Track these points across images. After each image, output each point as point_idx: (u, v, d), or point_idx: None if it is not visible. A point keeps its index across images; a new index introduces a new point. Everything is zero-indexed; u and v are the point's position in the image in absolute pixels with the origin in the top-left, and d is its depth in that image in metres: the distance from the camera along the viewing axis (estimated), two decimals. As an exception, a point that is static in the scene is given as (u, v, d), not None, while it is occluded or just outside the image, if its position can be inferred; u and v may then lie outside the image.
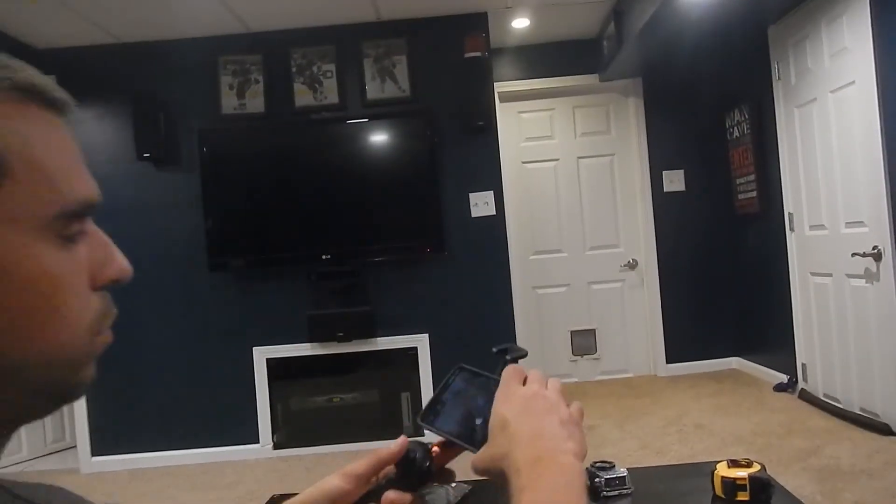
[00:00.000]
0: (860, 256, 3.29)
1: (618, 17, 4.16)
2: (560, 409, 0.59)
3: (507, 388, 0.62)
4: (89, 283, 0.45)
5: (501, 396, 0.61)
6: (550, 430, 0.57)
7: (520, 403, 0.59)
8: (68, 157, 0.46)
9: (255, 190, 3.92)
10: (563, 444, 0.56)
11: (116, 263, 0.48)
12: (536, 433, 0.56)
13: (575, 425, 0.59)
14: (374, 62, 3.94)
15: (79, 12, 3.49)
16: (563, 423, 0.58)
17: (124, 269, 0.48)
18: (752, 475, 1.36)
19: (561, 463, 0.54)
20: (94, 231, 0.48)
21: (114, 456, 3.94)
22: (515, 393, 0.61)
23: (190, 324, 3.97)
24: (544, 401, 0.59)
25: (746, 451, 3.19)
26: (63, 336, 0.43)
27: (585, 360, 5.05)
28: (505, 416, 0.59)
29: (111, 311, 0.48)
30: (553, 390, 0.62)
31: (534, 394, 0.60)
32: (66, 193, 0.44)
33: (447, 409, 0.67)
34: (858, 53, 3.22)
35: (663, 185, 4.96)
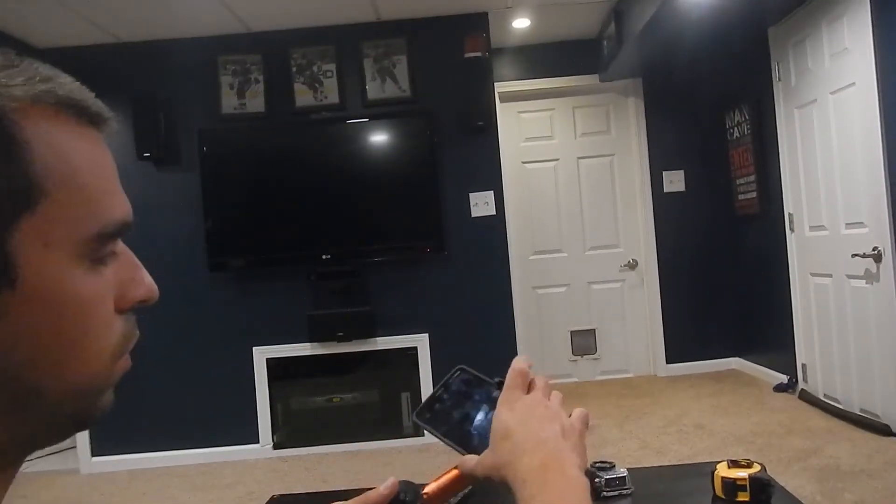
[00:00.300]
0: (860, 257, 3.29)
1: (618, 17, 4.16)
2: (563, 419, 0.59)
3: (511, 394, 0.61)
4: (115, 305, 0.44)
5: (505, 403, 0.60)
6: (554, 440, 0.56)
7: (523, 412, 0.59)
8: (106, 175, 0.44)
9: (255, 190, 3.92)
10: (568, 454, 0.56)
11: (144, 285, 0.47)
12: (540, 443, 0.56)
13: (577, 436, 0.59)
14: (375, 62, 3.94)
15: (79, 12, 3.49)
16: (566, 434, 0.58)
17: (152, 291, 0.47)
18: (753, 475, 1.36)
19: (567, 474, 0.54)
20: (124, 251, 0.46)
21: (114, 456, 3.94)
22: (519, 400, 0.60)
23: (190, 324, 3.97)
24: (547, 409, 0.59)
25: (746, 452, 3.19)
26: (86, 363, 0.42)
27: (585, 360, 5.05)
28: (508, 425, 0.58)
29: (134, 335, 0.47)
30: (556, 400, 0.62)
31: (537, 402, 0.60)
32: (103, 215, 0.42)
33: (444, 410, 0.67)
34: (859, 54, 3.22)
35: (663, 186, 4.96)
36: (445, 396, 0.68)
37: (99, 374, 0.43)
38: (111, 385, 0.45)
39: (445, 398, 0.68)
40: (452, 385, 0.69)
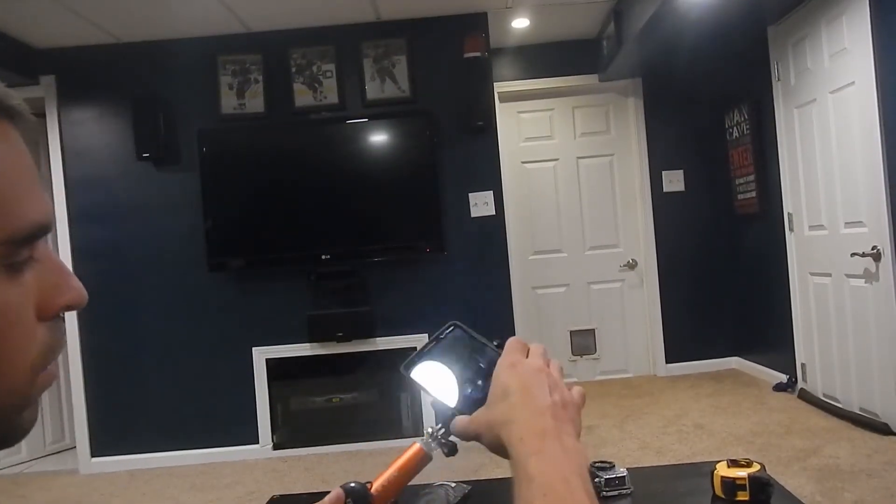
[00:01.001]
0: (859, 256, 3.29)
1: (617, 17, 4.17)
2: (563, 389, 0.59)
3: (511, 357, 0.61)
4: (37, 313, 0.41)
5: (506, 364, 0.60)
6: (554, 408, 0.56)
7: (524, 375, 0.59)
8: (20, 174, 0.40)
9: (255, 190, 3.92)
10: (566, 424, 0.56)
11: (72, 290, 0.43)
12: (540, 408, 0.56)
13: (575, 408, 0.59)
14: (374, 62, 3.94)
15: (78, 12, 3.48)
16: (565, 404, 0.57)
17: (79, 296, 0.43)
18: (752, 475, 1.36)
19: (565, 442, 0.54)
20: (47, 255, 0.42)
21: (113, 457, 3.94)
22: (520, 363, 0.60)
23: (189, 324, 3.97)
24: (548, 377, 0.59)
25: (746, 451, 3.19)
26: (2, 377, 0.39)
27: (585, 359, 5.05)
28: (508, 385, 0.58)
29: (60, 344, 0.43)
30: (555, 369, 0.61)
31: (539, 368, 0.60)
32: (15, 218, 0.38)
33: (433, 365, 0.65)
34: (858, 54, 3.22)
35: (663, 186, 4.96)
36: (438, 352, 0.66)
37: (17, 389, 0.40)
38: (33, 401, 0.42)
39: (437, 353, 0.66)
40: (445, 341, 0.67)
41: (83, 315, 3.95)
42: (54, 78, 3.96)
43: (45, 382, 0.42)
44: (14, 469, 4.10)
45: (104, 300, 3.95)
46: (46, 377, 0.42)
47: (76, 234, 3.96)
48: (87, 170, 3.98)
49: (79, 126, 3.99)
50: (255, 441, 3.95)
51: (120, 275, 3.96)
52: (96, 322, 3.95)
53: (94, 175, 3.99)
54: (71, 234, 3.96)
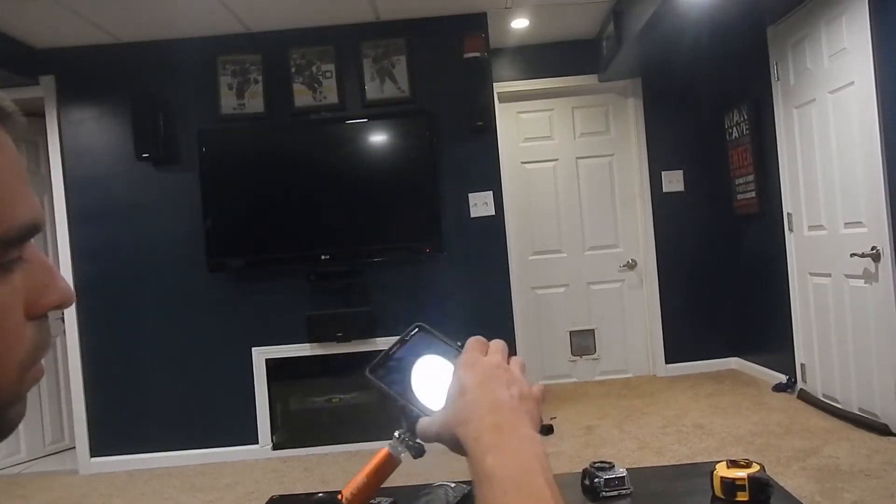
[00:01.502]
0: (859, 257, 3.29)
1: (617, 17, 4.17)
2: (521, 383, 0.58)
3: (470, 355, 0.60)
4: (25, 312, 0.41)
5: (463, 363, 0.60)
6: (510, 402, 0.56)
7: (481, 372, 0.58)
8: (11, 175, 0.41)
9: (255, 190, 3.92)
10: (522, 416, 0.55)
11: (59, 290, 0.43)
12: (496, 403, 0.55)
13: (534, 402, 0.58)
14: (374, 62, 3.94)
15: (78, 12, 3.48)
16: (522, 398, 0.57)
17: (66, 296, 0.44)
18: (752, 475, 1.36)
19: (521, 434, 0.54)
20: (35, 256, 0.42)
21: (113, 457, 3.94)
22: (478, 361, 0.60)
23: (189, 324, 3.97)
24: (506, 372, 0.58)
25: (745, 452, 3.19)
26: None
27: (584, 360, 5.05)
28: (465, 383, 0.57)
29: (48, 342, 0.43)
30: (515, 365, 0.61)
31: (496, 365, 0.59)
32: (7, 218, 0.39)
33: (398, 368, 0.64)
34: (857, 54, 3.22)
35: (662, 186, 4.96)
36: (402, 354, 0.66)
37: (6, 386, 0.40)
38: (21, 397, 0.42)
39: (402, 356, 0.66)
40: (410, 343, 0.67)
41: (83, 315, 3.95)
42: (54, 78, 3.96)
43: (33, 379, 0.43)
44: (13, 469, 4.10)
45: (104, 300, 3.95)
46: (35, 374, 0.43)
47: (76, 234, 3.96)
48: (86, 170, 3.98)
49: (78, 126, 3.99)
50: (254, 441, 3.95)
51: (119, 275, 3.96)
52: (96, 322, 3.95)
53: (93, 175, 3.98)
54: (70, 235, 3.96)
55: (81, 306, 3.95)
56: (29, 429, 4.23)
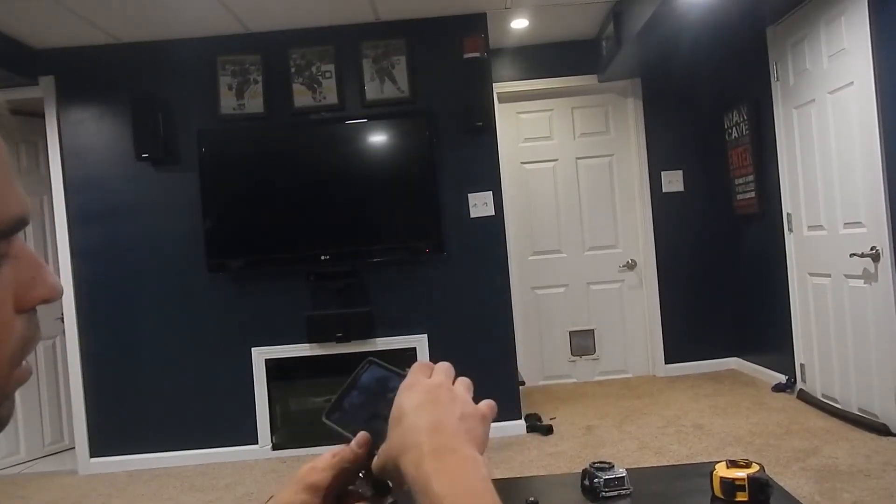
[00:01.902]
0: (858, 257, 3.29)
1: (617, 17, 4.17)
2: (464, 402, 0.56)
3: (410, 378, 0.58)
4: (14, 305, 0.41)
5: (404, 387, 0.57)
6: (450, 422, 0.53)
7: (420, 394, 0.56)
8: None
9: (254, 190, 3.92)
10: (462, 436, 0.53)
11: (47, 284, 0.43)
12: (435, 425, 0.53)
13: (478, 420, 0.56)
14: (373, 63, 3.94)
15: (78, 12, 3.48)
16: (464, 417, 0.55)
17: (54, 290, 0.43)
18: (751, 475, 1.36)
19: (463, 455, 0.51)
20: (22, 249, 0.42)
21: (112, 457, 3.94)
22: (417, 383, 0.57)
23: (188, 324, 3.97)
24: (448, 392, 0.56)
25: (745, 452, 3.20)
26: None
27: (584, 360, 5.06)
28: (403, 408, 0.55)
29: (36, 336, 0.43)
30: (460, 385, 0.58)
31: (437, 385, 0.57)
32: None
33: (353, 407, 0.62)
34: (857, 54, 3.22)
35: (662, 186, 4.96)
36: (355, 393, 0.64)
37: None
38: (7, 395, 0.42)
39: (356, 395, 0.64)
40: (362, 380, 0.64)
41: (82, 316, 3.95)
42: (53, 78, 3.95)
43: (20, 378, 0.42)
44: (13, 469, 4.10)
45: (103, 301, 3.95)
46: (22, 373, 0.42)
47: (75, 234, 3.96)
48: (86, 170, 3.97)
49: (78, 126, 3.99)
50: (254, 441, 3.95)
51: (119, 275, 3.96)
52: (95, 322, 3.95)
53: (93, 175, 3.98)
54: (70, 235, 3.96)
55: (81, 307, 3.95)
56: (28, 429, 4.23)
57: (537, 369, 5.01)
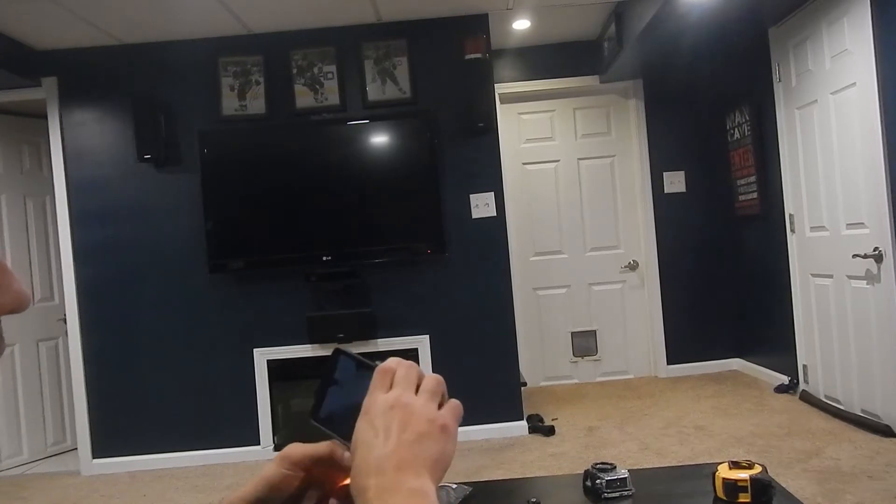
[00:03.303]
0: (861, 258, 3.28)
1: (618, 18, 4.17)
2: (419, 420, 0.52)
3: (369, 399, 0.55)
4: None
5: (361, 413, 0.54)
6: (396, 455, 0.50)
7: (371, 422, 0.53)
8: None
9: (256, 191, 3.92)
10: (412, 467, 0.50)
11: (11, 292, 0.41)
12: (379, 463, 0.50)
13: (436, 436, 0.52)
14: (375, 63, 3.95)
15: (79, 13, 3.49)
16: (419, 439, 0.51)
17: (19, 299, 0.42)
18: (754, 476, 1.36)
19: (408, 489, 0.49)
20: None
21: (114, 458, 3.94)
22: (371, 407, 0.54)
23: (190, 325, 3.97)
24: (402, 412, 0.53)
25: (747, 453, 3.19)
26: None
27: (586, 361, 5.05)
28: (356, 440, 0.53)
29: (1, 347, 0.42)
30: (423, 394, 0.55)
31: (391, 405, 0.53)
32: None
33: (338, 406, 0.59)
34: (859, 55, 3.22)
35: (664, 187, 4.96)
36: (335, 388, 0.60)
37: None
38: None
39: (336, 391, 0.60)
40: (339, 375, 0.61)
41: (84, 317, 3.96)
42: (55, 80, 3.96)
43: None
44: (15, 470, 4.10)
45: (105, 301, 3.96)
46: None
47: (77, 235, 3.97)
48: (88, 171, 3.98)
49: (80, 128, 3.99)
50: (256, 442, 3.95)
51: (121, 276, 3.96)
52: (97, 323, 3.96)
53: (95, 177, 3.99)
54: (72, 236, 3.96)
55: (83, 308, 3.96)
56: (31, 430, 4.23)
57: (539, 370, 5.01)
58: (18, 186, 4.30)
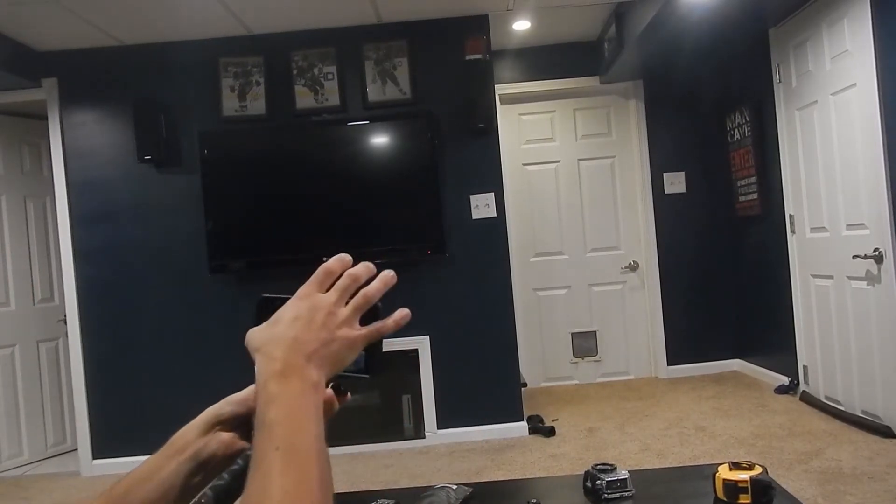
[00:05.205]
0: (861, 259, 3.28)
1: (619, 19, 4.17)
2: (337, 327, 0.59)
3: (306, 289, 0.61)
4: None
5: (296, 296, 0.61)
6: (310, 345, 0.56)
7: (300, 308, 0.59)
8: None
9: (256, 192, 3.92)
10: (316, 361, 0.56)
11: None
12: (295, 343, 0.56)
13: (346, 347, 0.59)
14: (375, 64, 3.95)
15: (80, 14, 3.49)
16: (330, 342, 0.58)
17: None
18: (754, 477, 1.36)
19: (304, 379, 0.55)
20: None
21: (114, 459, 3.94)
22: (308, 296, 0.60)
23: (190, 326, 3.97)
24: (327, 316, 0.59)
25: (747, 454, 3.19)
26: None
27: (586, 362, 5.05)
28: (282, 314, 0.59)
29: None
30: (351, 307, 0.61)
31: (321, 305, 0.59)
32: None
33: None
34: (859, 56, 3.22)
35: (664, 187, 4.96)
36: None
37: None
38: None
39: None
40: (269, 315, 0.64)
41: (85, 317, 3.95)
42: (56, 80, 3.96)
43: None
44: (16, 471, 4.10)
45: (105, 302, 3.96)
46: None
47: (78, 236, 3.97)
48: (88, 172, 3.98)
49: (80, 128, 4.00)
50: (256, 443, 3.95)
51: (121, 277, 3.96)
52: (97, 324, 3.96)
53: (95, 177, 3.99)
54: (73, 237, 3.96)
55: (83, 308, 3.96)
56: (31, 431, 4.23)
57: (539, 371, 5.01)
58: (19, 187, 4.30)
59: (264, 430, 0.53)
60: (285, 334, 0.57)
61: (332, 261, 0.63)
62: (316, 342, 0.57)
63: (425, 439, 3.92)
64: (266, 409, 0.53)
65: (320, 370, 0.56)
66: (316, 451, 0.53)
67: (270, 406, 0.53)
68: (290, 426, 0.53)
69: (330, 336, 0.58)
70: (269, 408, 0.53)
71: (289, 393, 0.54)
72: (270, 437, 0.52)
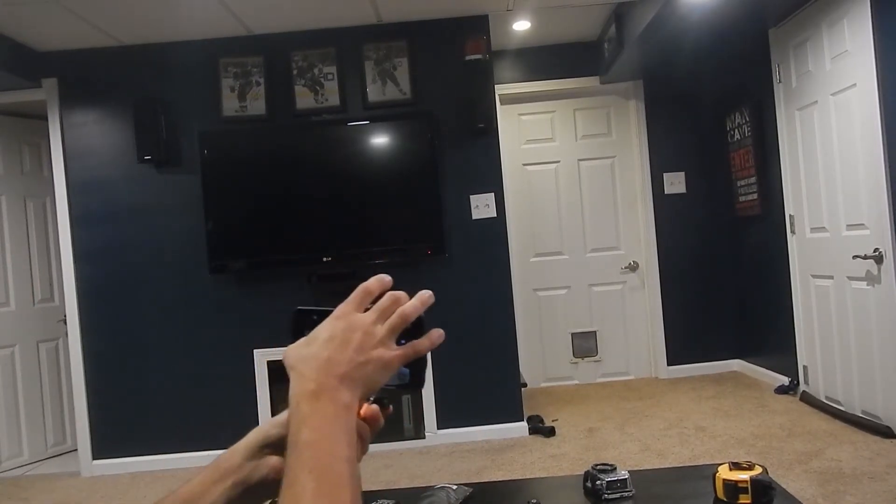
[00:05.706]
0: (861, 259, 3.28)
1: (619, 19, 4.17)
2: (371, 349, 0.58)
3: (343, 308, 0.61)
4: None
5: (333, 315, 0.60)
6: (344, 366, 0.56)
7: (336, 328, 0.58)
8: None
9: (256, 192, 3.92)
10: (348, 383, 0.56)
11: None
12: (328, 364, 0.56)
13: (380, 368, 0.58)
14: (376, 64, 3.95)
15: (80, 15, 3.49)
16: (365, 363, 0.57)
17: None
18: (754, 478, 1.36)
19: (337, 402, 0.55)
20: None
21: (115, 459, 3.94)
22: (344, 316, 0.60)
23: (190, 326, 3.97)
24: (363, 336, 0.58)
25: (747, 454, 3.19)
26: None
27: (586, 362, 5.05)
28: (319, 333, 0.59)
29: None
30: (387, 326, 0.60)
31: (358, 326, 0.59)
32: None
33: None
34: (859, 56, 3.22)
35: (664, 188, 4.96)
36: None
37: None
38: None
39: None
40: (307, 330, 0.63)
41: (85, 317, 3.96)
42: (56, 81, 3.96)
43: None
44: (16, 471, 4.10)
45: (105, 302, 3.96)
46: None
47: (78, 236, 3.97)
48: (88, 172, 3.98)
49: (80, 128, 4.00)
50: (256, 443, 3.94)
51: (121, 277, 3.97)
52: (97, 324, 3.96)
53: (95, 177, 3.99)
54: (73, 237, 3.96)
55: (83, 308, 3.96)
56: (31, 431, 4.23)
57: (539, 371, 5.01)
58: (19, 187, 4.30)
59: (297, 451, 0.53)
60: (319, 354, 0.57)
61: (371, 281, 0.64)
62: (349, 363, 0.57)
63: (425, 439, 3.92)
64: (299, 430, 0.53)
65: (353, 391, 0.56)
66: (348, 475, 0.52)
67: (303, 427, 0.53)
68: (322, 449, 0.53)
69: (364, 357, 0.57)
70: (302, 429, 0.53)
71: (321, 414, 0.54)
72: (302, 459, 0.52)
